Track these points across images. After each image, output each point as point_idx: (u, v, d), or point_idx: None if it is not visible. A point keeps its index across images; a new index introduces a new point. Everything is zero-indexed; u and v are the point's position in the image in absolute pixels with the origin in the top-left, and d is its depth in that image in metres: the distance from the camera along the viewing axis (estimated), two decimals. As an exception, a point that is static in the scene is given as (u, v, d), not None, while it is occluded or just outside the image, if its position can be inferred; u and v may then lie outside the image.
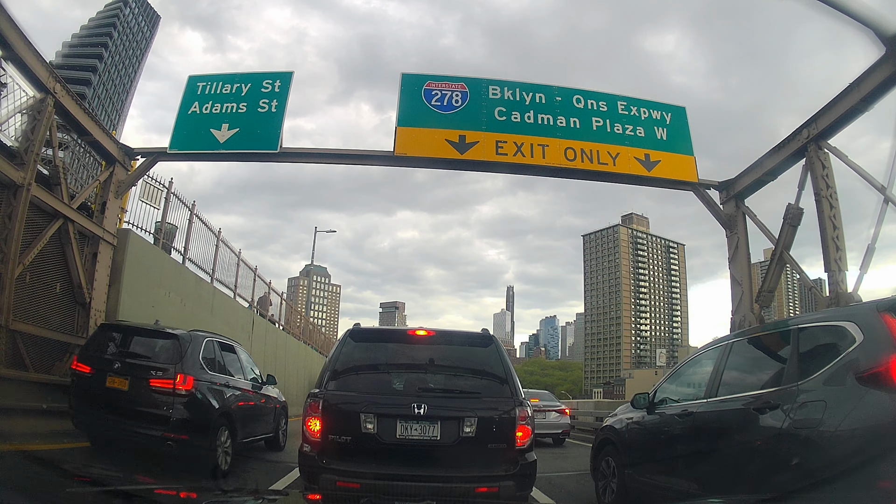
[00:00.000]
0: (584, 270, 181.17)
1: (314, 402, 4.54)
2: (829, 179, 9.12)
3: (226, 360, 8.12)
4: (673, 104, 12.03)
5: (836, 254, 8.73)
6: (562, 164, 11.09)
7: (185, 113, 11.34)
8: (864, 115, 8.50)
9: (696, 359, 5.42)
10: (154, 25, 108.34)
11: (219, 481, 6.32)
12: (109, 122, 79.73)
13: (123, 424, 6.47)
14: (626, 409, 6.03)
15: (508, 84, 11.55)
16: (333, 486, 4.27)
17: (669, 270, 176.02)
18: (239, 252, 17.57)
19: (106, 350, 7.09)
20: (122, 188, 11.10)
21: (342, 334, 5.25)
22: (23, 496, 1.80)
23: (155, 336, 7.40)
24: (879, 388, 3.16)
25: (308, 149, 12.09)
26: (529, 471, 4.56)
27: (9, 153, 8.23)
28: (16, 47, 7.91)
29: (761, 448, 3.80)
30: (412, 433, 4.37)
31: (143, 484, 3.43)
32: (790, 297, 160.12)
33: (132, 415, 6.44)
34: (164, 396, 6.47)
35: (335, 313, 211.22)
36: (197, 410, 6.71)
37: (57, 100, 8.90)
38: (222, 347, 8.20)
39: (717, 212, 11.67)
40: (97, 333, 7.61)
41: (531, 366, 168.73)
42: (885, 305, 3.50)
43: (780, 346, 4.39)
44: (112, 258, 10.51)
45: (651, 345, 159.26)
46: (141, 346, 7.30)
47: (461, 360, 5.17)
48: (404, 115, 11.23)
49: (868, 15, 6.84)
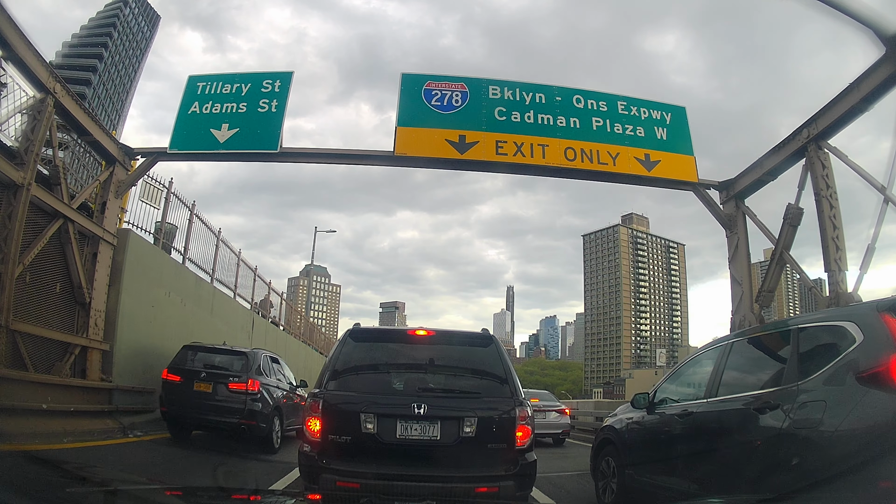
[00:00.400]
0: (584, 270, 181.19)
1: (314, 402, 4.54)
2: (829, 179, 9.11)
3: (274, 369, 10.59)
4: (673, 104, 12.03)
5: (836, 254, 8.72)
6: (562, 164, 11.09)
7: (185, 113, 11.34)
8: (864, 115, 8.50)
9: (696, 359, 5.42)
10: (154, 25, 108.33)
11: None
12: (109, 122, 79.73)
13: (208, 416, 9.06)
14: (626, 409, 6.03)
15: (508, 84, 11.55)
16: (333, 486, 4.26)
17: (669, 270, 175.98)
18: (239, 252, 17.58)
19: (191, 363, 9.53)
20: (122, 188, 11.10)
21: (342, 334, 5.24)
22: (23, 496, 1.79)
23: (228, 353, 10.00)
24: (879, 388, 3.16)
25: (308, 149, 12.09)
26: (529, 471, 4.55)
27: (9, 153, 8.22)
28: (16, 47, 7.90)
29: (761, 448, 3.80)
30: (412, 433, 4.37)
31: (142, 484, 3.43)
32: (790, 297, 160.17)
33: (215, 409, 9.00)
34: (239, 395, 9.07)
35: (335, 313, 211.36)
36: (261, 405, 9.23)
37: (57, 100, 8.89)
38: (272, 360, 10.78)
39: (717, 212, 11.67)
40: (181, 352, 9.80)
41: (531, 366, 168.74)
42: (885, 305, 3.49)
43: (780, 346, 4.38)
44: (112, 258, 10.51)
45: (651, 345, 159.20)
46: (218, 360, 9.76)
47: (461, 360, 5.17)
48: (404, 115, 11.23)
49: (868, 15, 6.84)
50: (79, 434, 8.02)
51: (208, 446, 9.36)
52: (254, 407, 9.07)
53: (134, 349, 10.86)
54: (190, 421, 9.36)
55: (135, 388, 10.42)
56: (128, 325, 10.66)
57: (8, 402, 7.18)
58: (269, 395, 9.55)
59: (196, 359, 9.67)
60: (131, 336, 10.78)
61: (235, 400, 9.04)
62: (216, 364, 9.62)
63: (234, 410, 8.96)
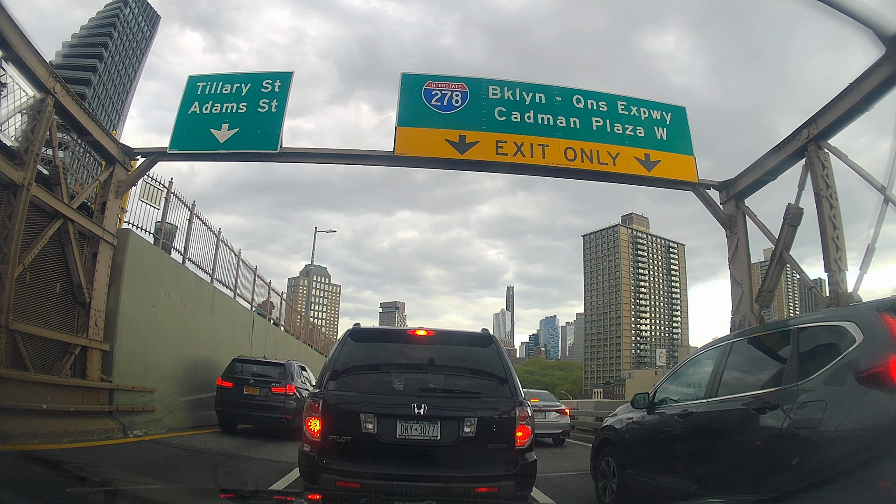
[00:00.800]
0: (584, 270, 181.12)
1: (314, 402, 4.53)
2: (829, 179, 9.11)
3: (302, 375, 13.13)
4: (673, 104, 12.02)
5: (836, 254, 8.72)
6: (562, 164, 11.08)
7: (185, 113, 11.33)
8: (864, 115, 8.49)
9: (696, 359, 5.41)
10: (154, 25, 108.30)
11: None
12: (109, 122, 79.74)
13: (255, 413, 11.60)
14: (626, 409, 6.02)
15: (508, 84, 11.54)
16: (333, 486, 4.25)
17: (669, 270, 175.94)
18: (239, 252, 17.58)
19: (240, 372, 12.14)
20: (122, 188, 11.10)
21: (342, 334, 5.24)
22: (23, 496, 1.79)
23: (269, 364, 12.81)
24: (879, 388, 3.15)
25: (308, 149, 12.07)
26: (529, 471, 4.55)
27: (9, 153, 8.22)
28: (16, 47, 7.90)
29: (761, 448, 3.79)
30: (412, 433, 4.36)
31: (142, 484, 3.43)
32: (790, 297, 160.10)
33: (261, 408, 11.55)
34: (279, 396, 11.61)
35: (335, 313, 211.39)
36: (295, 403, 11.37)
37: (57, 100, 8.89)
38: (300, 368, 13.39)
39: (717, 212, 11.66)
40: (232, 364, 12.41)
41: (531, 366, 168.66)
42: (885, 305, 3.49)
43: (780, 346, 4.38)
44: (112, 258, 10.50)
45: (651, 345, 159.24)
46: (262, 369, 12.43)
47: (461, 360, 5.16)
48: (404, 115, 11.22)
49: (868, 15, 6.83)
50: (79, 434, 8.03)
51: (208, 446, 9.37)
52: (290, 405, 11.46)
53: (134, 349, 10.85)
54: (240, 418, 11.83)
55: (135, 388, 10.42)
56: (128, 325, 10.65)
57: (8, 402, 7.19)
58: (300, 396, 11.63)
59: (244, 369, 12.32)
60: (131, 336, 10.77)
61: (276, 400, 11.57)
62: (260, 373, 12.24)
63: (276, 408, 11.51)
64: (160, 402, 11.13)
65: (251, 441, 10.71)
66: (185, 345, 12.96)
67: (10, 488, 1.80)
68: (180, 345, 12.69)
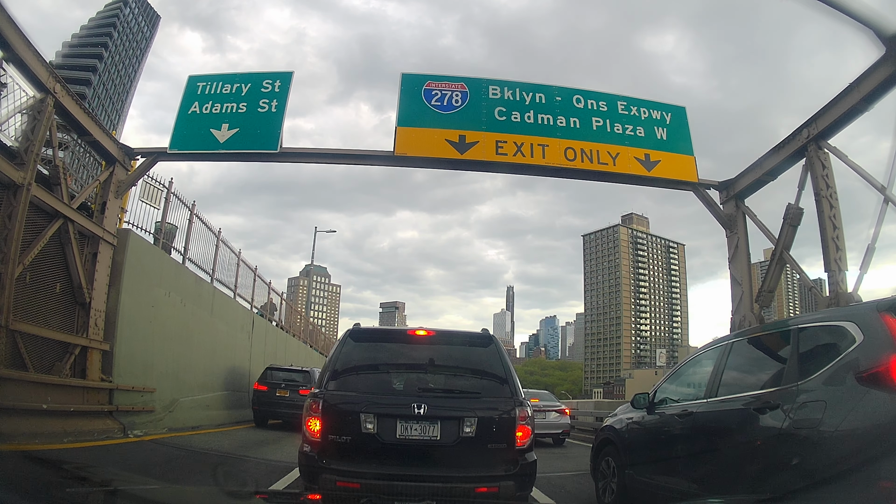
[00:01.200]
0: (584, 270, 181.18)
1: (314, 402, 4.54)
2: (829, 179, 9.10)
3: None
4: (673, 104, 12.01)
5: (836, 254, 8.71)
6: (562, 164, 11.07)
7: (185, 113, 11.33)
8: (864, 115, 8.48)
9: (696, 359, 5.41)
10: (154, 26, 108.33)
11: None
12: (109, 122, 79.74)
13: (285, 411, 13.94)
14: (626, 409, 6.02)
15: (508, 84, 11.54)
16: (333, 486, 4.25)
17: (669, 270, 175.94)
18: (239, 252, 17.57)
19: (272, 378, 14.73)
20: (122, 188, 11.10)
21: (342, 334, 5.24)
22: (23, 496, 1.79)
23: (296, 371, 15.34)
24: (879, 388, 3.15)
25: (308, 149, 12.07)
26: (529, 471, 4.55)
27: (9, 153, 8.22)
28: (16, 47, 7.90)
29: (761, 448, 3.79)
30: (412, 433, 4.36)
31: (142, 484, 3.43)
32: (790, 297, 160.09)
33: (290, 406, 13.49)
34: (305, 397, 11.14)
35: (335, 313, 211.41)
36: None
37: (57, 100, 8.89)
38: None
39: (717, 212, 11.66)
40: (266, 371, 15.12)
41: (531, 366, 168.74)
42: (885, 305, 3.48)
43: (780, 346, 4.38)
44: (112, 258, 10.50)
45: (651, 345, 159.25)
46: (290, 375, 14.92)
47: (461, 360, 5.16)
48: (404, 114, 11.22)
49: (868, 15, 6.83)
50: (79, 434, 8.03)
51: (209, 446, 9.38)
52: None
53: (134, 349, 10.85)
54: (272, 415, 14.40)
55: (135, 388, 10.41)
56: (128, 325, 10.64)
57: (8, 402, 7.18)
58: None
59: (275, 375, 14.87)
60: (131, 336, 10.77)
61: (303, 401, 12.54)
62: (288, 378, 14.73)
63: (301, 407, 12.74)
64: (160, 402, 11.12)
65: (251, 441, 10.73)
66: (185, 345, 12.96)
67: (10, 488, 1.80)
68: (180, 345, 12.69)
